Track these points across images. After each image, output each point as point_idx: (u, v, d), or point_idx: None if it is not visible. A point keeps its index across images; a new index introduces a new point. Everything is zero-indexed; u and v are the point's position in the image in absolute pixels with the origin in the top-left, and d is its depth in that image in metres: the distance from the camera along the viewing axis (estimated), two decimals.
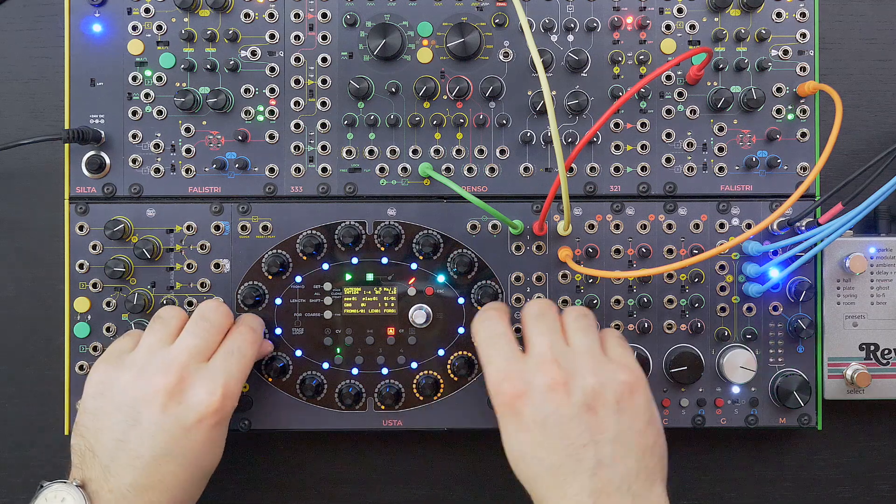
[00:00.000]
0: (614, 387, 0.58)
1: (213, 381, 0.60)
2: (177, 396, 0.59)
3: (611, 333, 0.64)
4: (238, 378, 0.62)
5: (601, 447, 0.56)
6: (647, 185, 0.69)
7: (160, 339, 0.62)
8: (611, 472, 0.56)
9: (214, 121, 0.69)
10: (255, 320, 0.67)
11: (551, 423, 0.57)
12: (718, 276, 0.69)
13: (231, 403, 0.61)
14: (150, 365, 0.60)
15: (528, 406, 0.57)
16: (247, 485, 0.73)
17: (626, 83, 0.69)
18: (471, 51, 0.68)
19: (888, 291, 0.69)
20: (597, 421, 0.57)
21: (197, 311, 0.64)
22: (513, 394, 0.58)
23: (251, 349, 0.64)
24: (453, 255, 0.68)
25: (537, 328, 0.61)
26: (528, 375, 0.58)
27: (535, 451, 0.57)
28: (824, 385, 0.69)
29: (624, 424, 0.57)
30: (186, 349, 0.61)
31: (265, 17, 0.69)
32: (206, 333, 0.62)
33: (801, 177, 0.69)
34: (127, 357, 0.62)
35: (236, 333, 0.64)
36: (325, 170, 0.69)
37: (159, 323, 0.64)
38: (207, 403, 0.59)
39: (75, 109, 0.69)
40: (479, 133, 0.69)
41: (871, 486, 0.74)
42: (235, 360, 0.62)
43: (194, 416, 0.59)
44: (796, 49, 0.69)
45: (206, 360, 0.62)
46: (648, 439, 0.58)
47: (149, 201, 0.69)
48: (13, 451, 0.73)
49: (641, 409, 0.59)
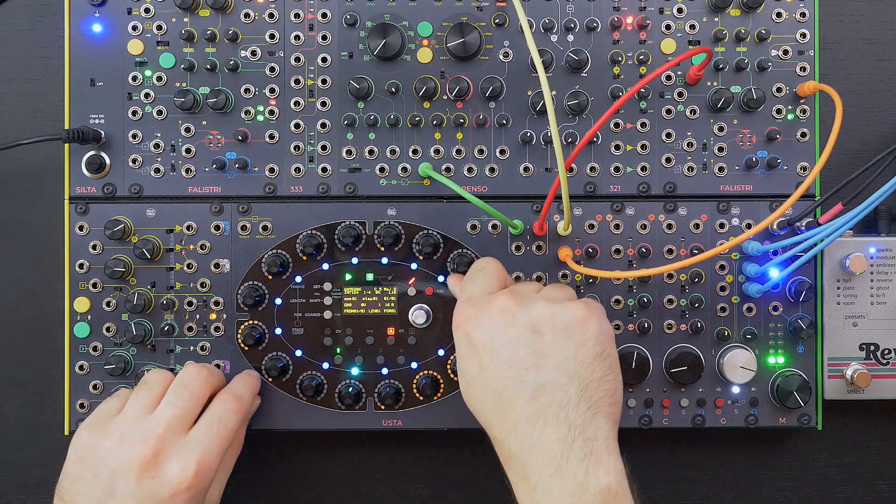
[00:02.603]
0: (565, 315, 0.58)
1: (188, 456, 0.59)
2: (151, 470, 0.59)
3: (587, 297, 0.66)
4: (216, 452, 0.61)
5: (543, 371, 0.56)
6: (647, 185, 0.69)
7: (143, 406, 0.62)
8: (549, 397, 0.55)
9: (214, 121, 0.69)
10: (244, 384, 0.66)
11: (498, 345, 0.57)
12: (718, 276, 0.69)
13: (206, 478, 0.60)
14: (129, 434, 0.60)
15: (477, 328, 0.58)
16: (247, 485, 0.73)
17: (626, 83, 0.69)
18: (471, 51, 0.68)
19: (888, 291, 0.69)
20: (542, 344, 0.57)
21: (178, 377, 0.64)
22: (466, 316, 0.59)
23: (233, 419, 0.63)
24: (453, 255, 0.68)
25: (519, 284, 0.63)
26: (481, 303, 0.59)
27: (482, 374, 0.57)
28: (824, 385, 0.69)
29: (569, 351, 0.57)
30: (165, 420, 0.61)
31: (265, 17, 0.69)
32: (186, 403, 0.62)
33: (801, 177, 0.69)
34: (110, 422, 0.62)
35: (220, 402, 0.63)
36: (325, 170, 0.69)
37: (145, 389, 0.63)
38: (181, 479, 0.59)
39: (75, 109, 0.69)
40: (479, 133, 0.69)
41: (871, 486, 0.74)
42: (215, 431, 0.61)
43: (167, 490, 0.58)
44: (796, 49, 0.69)
45: (185, 431, 0.61)
46: (595, 371, 0.57)
47: (149, 201, 0.69)
48: (13, 451, 0.73)
49: (591, 339, 0.58)
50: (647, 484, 0.73)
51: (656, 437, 0.72)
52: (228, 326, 0.69)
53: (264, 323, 0.69)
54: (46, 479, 0.73)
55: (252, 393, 0.66)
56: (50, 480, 0.72)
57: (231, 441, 0.63)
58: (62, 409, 0.69)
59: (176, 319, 0.69)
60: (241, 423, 0.64)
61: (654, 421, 0.69)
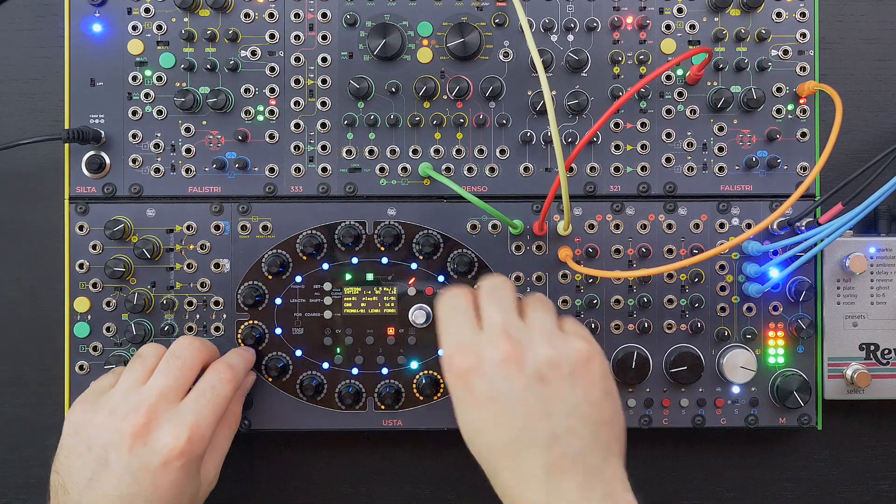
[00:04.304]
0: (569, 356, 0.56)
1: (180, 423, 0.59)
2: (143, 438, 0.58)
3: (568, 317, 0.64)
4: (209, 420, 0.61)
5: (555, 420, 0.55)
6: (647, 185, 0.69)
7: (136, 378, 0.62)
8: (565, 446, 0.54)
9: (214, 121, 0.69)
10: (237, 356, 0.66)
11: (504, 397, 0.55)
12: (718, 276, 0.69)
13: (200, 446, 0.60)
14: (122, 406, 0.60)
15: (480, 379, 0.56)
16: (247, 485, 0.73)
17: (626, 83, 0.69)
18: (471, 51, 0.68)
19: (888, 291, 0.69)
20: (551, 392, 0.55)
21: (170, 348, 0.63)
22: (465, 367, 0.56)
23: (226, 387, 0.63)
24: (453, 255, 0.68)
25: (491, 301, 0.60)
26: (481, 348, 0.57)
27: (488, 426, 0.56)
28: (824, 385, 0.69)
29: (579, 395, 0.56)
30: (157, 389, 0.60)
31: (265, 17, 0.69)
32: (178, 372, 0.62)
33: (801, 177, 0.70)
34: (103, 397, 0.61)
35: (212, 371, 0.63)
36: (325, 170, 0.69)
37: (138, 362, 0.63)
38: (172, 446, 0.58)
39: (75, 109, 0.69)
40: (479, 133, 0.69)
41: (871, 486, 0.74)
42: (207, 400, 0.61)
43: (159, 458, 0.58)
44: (796, 49, 0.69)
45: (177, 401, 0.61)
46: (605, 413, 0.56)
47: (149, 201, 0.69)
48: (13, 451, 0.73)
49: (597, 380, 0.57)
50: (647, 484, 0.73)
51: (656, 437, 0.72)
52: (228, 326, 0.69)
53: (264, 323, 0.69)
54: (46, 479, 0.73)
55: (246, 365, 0.66)
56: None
57: (224, 410, 0.62)
58: (62, 409, 0.69)
59: (176, 319, 0.69)
60: (234, 393, 0.64)
61: (654, 421, 0.69)
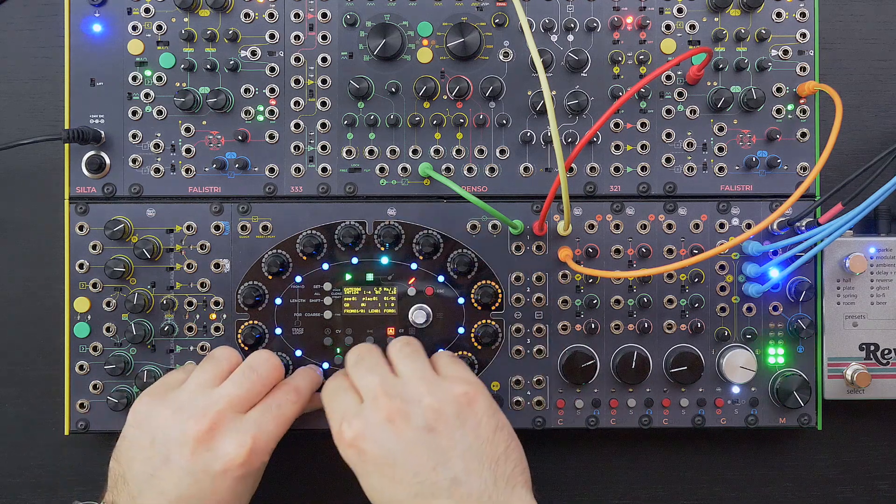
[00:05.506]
0: (451, 401, 0.58)
1: (244, 434, 0.59)
2: (207, 443, 0.59)
3: (442, 354, 0.65)
4: (272, 435, 0.61)
5: (452, 465, 0.56)
6: (647, 185, 0.69)
7: (207, 380, 0.62)
8: (468, 487, 0.56)
9: (214, 121, 0.69)
10: (306, 379, 0.66)
11: (397, 455, 0.57)
12: (718, 276, 0.69)
13: (260, 459, 0.60)
14: (189, 406, 0.60)
15: (370, 444, 0.57)
16: None
17: (626, 83, 0.69)
18: (471, 51, 0.68)
19: (888, 291, 0.69)
20: (442, 440, 0.57)
21: (248, 359, 0.64)
22: (352, 436, 0.58)
23: (291, 409, 0.63)
24: (453, 255, 0.68)
25: (360, 372, 0.62)
26: (364, 415, 0.58)
27: (390, 486, 0.57)
28: (824, 385, 0.69)
29: (470, 437, 0.57)
30: (227, 397, 0.61)
31: (265, 17, 0.69)
32: (251, 384, 0.62)
33: (801, 177, 0.70)
34: (172, 393, 0.62)
35: (282, 391, 0.63)
36: (325, 170, 0.69)
37: (211, 363, 0.64)
38: (234, 456, 0.59)
39: (75, 109, 0.69)
40: (479, 133, 0.69)
41: (871, 486, 0.74)
42: (272, 415, 0.61)
43: (220, 465, 0.58)
44: (796, 49, 0.69)
45: (244, 412, 0.61)
46: (499, 447, 0.58)
47: (149, 201, 0.69)
48: (13, 451, 0.73)
49: (484, 417, 0.59)
50: (647, 484, 0.73)
51: (656, 437, 0.72)
52: (228, 326, 0.69)
53: (264, 323, 0.69)
54: (46, 479, 0.73)
55: (312, 387, 0.66)
56: (50, 480, 0.72)
57: (286, 429, 0.63)
58: (62, 409, 0.69)
59: (176, 319, 0.69)
60: (298, 414, 0.64)
61: (654, 421, 0.69)
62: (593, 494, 0.73)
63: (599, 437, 0.72)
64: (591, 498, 0.73)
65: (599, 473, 0.73)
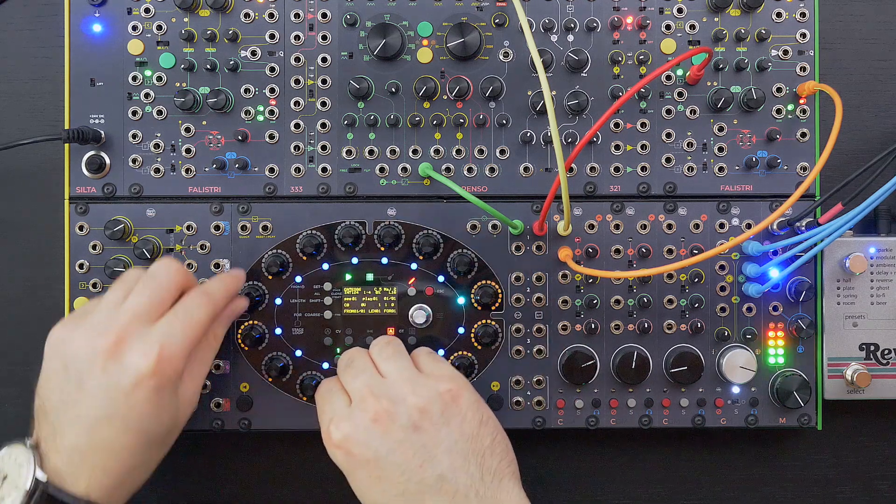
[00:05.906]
0: (436, 398, 0.59)
1: (150, 343, 0.58)
2: (114, 358, 0.57)
3: (422, 351, 0.65)
4: (181, 342, 0.59)
5: (437, 462, 0.57)
6: (647, 185, 0.69)
7: (114, 299, 0.61)
8: (454, 483, 0.56)
9: (214, 121, 0.69)
10: (218, 281, 0.64)
11: (384, 454, 0.57)
12: (718, 276, 0.69)
13: (170, 367, 0.58)
14: (97, 325, 0.59)
15: (357, 445, 0.58)
16: (247, 485, 0.73)
17: (626, 83, 0.69)
18: (471, 51, 0.68)
19: (888, 291, 0.69)
20: (427, 438, 0.57)
21: (148, 270, 0.62)
22: (340, 438, 0.59)
23: (200, 311, 0.61)
24: (453, 255, 0.68)
25: (349, 376, 0.62)
26: (352, 417, 0.59)
27: (378, 485, 0.58)
28: (824, 385, 0.69)
29: (455, 433, 0.58)
30: (130, 309, 0.59)
31: (265, 17, 0.69)
32: (152, 293, 0.60)
33: (801, 177, 0.70)
34: (82, 318, 0.61)
35: (189, 297, 0.62)
36: (325, 170, 0.69)
37: (119, 284, 0.62)
38: (142, 366, 0.57)
39: (75, 109, 0.69)
40: (479, 133, 0.69)
41: (871, 486, 0.74)
42: (180, 321, 0.60)
43: (130, 379, 0.57)
44: (796, 49, 0.69)
45: (151, 322, 0.59)
46: (484, 441, 0.59)
47: (149, 201, 0.69)
48: None
49: (469, 413, 0.59)
50: (647, 484, 0.73)
51: (656, 437, 0.72)
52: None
53: (264, 323, 0.69)
54: None
55: (226, 291, 0.64)
56: None
57: (200, 334, 0.61)
58: None
59: None
60: (211, 317, 0.62)
61: (654, 421, 0.69)
62: (593, 494, 0.74)
63: (599, 437, 0.72)
64: (591, 498, 0.74)
65: (599, 473, 0.73)
